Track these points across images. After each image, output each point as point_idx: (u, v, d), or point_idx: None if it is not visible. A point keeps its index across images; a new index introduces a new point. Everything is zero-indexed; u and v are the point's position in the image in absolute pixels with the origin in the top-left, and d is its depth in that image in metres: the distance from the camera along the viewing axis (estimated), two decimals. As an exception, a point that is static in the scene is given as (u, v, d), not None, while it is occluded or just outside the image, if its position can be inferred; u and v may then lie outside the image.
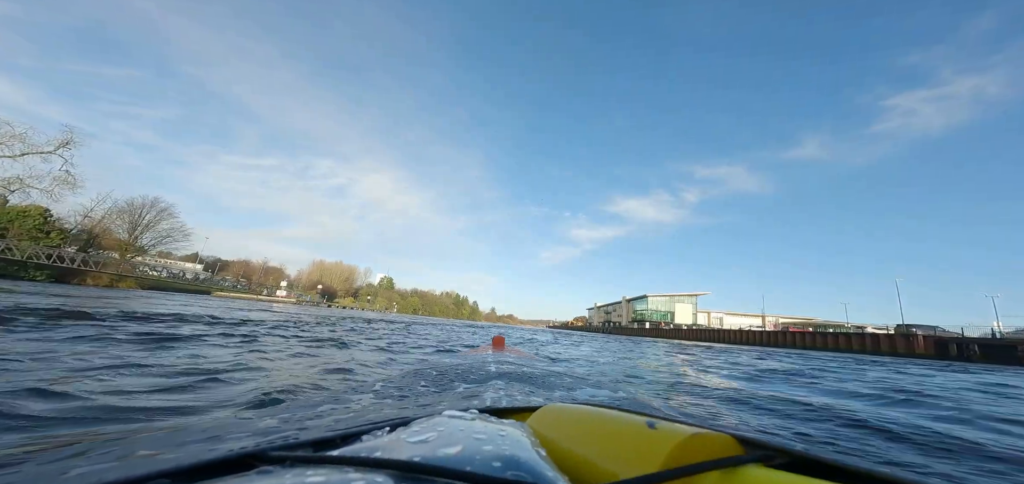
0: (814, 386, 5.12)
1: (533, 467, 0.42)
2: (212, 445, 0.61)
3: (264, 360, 3.69)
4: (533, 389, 1.46)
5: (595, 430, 0.60)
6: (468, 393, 1.29)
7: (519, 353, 3.52)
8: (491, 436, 0.50)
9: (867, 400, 4.00)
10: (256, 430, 0.76)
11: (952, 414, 3.20)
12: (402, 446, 0.46)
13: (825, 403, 3.42)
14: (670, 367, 7.04)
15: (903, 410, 3.51)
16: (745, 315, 73.42)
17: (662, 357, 9.54)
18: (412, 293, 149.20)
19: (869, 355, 23.46)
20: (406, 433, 0.52)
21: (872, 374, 7.47)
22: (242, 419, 0.96)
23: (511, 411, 0.92)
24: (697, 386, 4.49)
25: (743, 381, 5.33)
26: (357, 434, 0.63)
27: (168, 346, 3.99)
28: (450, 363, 2.23)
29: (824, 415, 2.89)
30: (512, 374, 1.68)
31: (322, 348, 5.25)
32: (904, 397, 4.18)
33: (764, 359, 10.26)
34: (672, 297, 72.82)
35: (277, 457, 0.49)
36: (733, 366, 7.72)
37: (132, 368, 2.72)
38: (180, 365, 3.03)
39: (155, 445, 0.65)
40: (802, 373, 6.74)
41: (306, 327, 8.59)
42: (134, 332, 4.57)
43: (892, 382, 5.96)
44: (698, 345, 21.39)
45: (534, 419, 0.72)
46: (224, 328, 6.35)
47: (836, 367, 8.84)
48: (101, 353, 3.19)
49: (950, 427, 2.70)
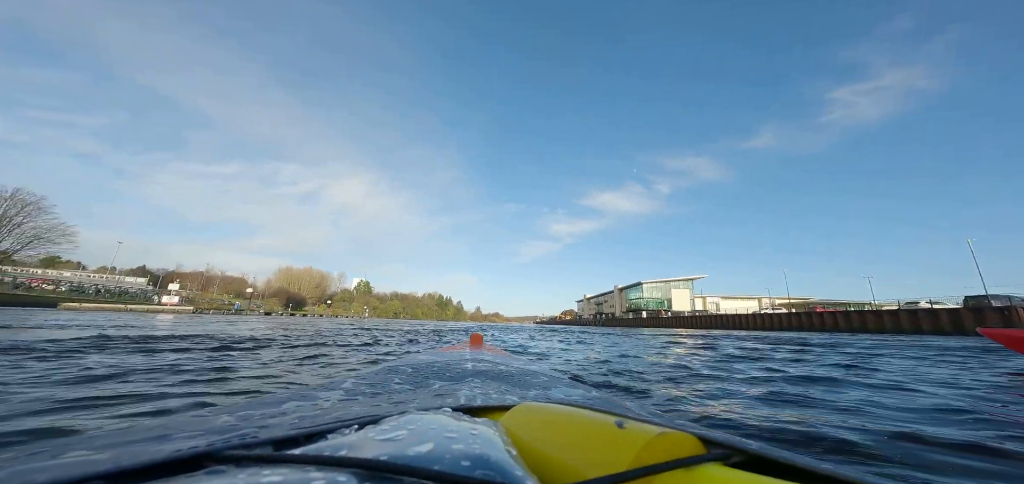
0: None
1: (503, 467, 0.41)
2: (158, 444, 0.55)
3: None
4: (508, 388, 1.30)
5: (566, 430, 0.59)
6: (443, 391, 1.17)
7: (497, 351, 2.97)
8: (462, 435, 0.49)
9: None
10: (211, 428, 0.66)
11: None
12: (369, 444, 0.45)
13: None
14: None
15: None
16: (743, 297, 68.88)
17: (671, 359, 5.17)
18: (392, 296, 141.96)
19: (928, 336, 19.19)
20: (374, 431, 0.51)
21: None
22: (196, 417, 0.81)
23: (484, 410, 0.88)
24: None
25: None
26: (322, 432, 0.60)
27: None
28: (425, 361, 1.96)
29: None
30: (488, 372, 1.58)
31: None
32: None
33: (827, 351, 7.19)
34: (668, 283, 67.81)
35: (231, 456, 0.46)
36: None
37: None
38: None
39: (93, 445, 0.58)
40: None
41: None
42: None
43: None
44: (706, 335, 16.75)
45: (507, 418, 0.69)
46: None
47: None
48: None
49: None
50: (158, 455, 0.47)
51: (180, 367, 3.33)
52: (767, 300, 66.23)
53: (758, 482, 0.45)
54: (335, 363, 4.35)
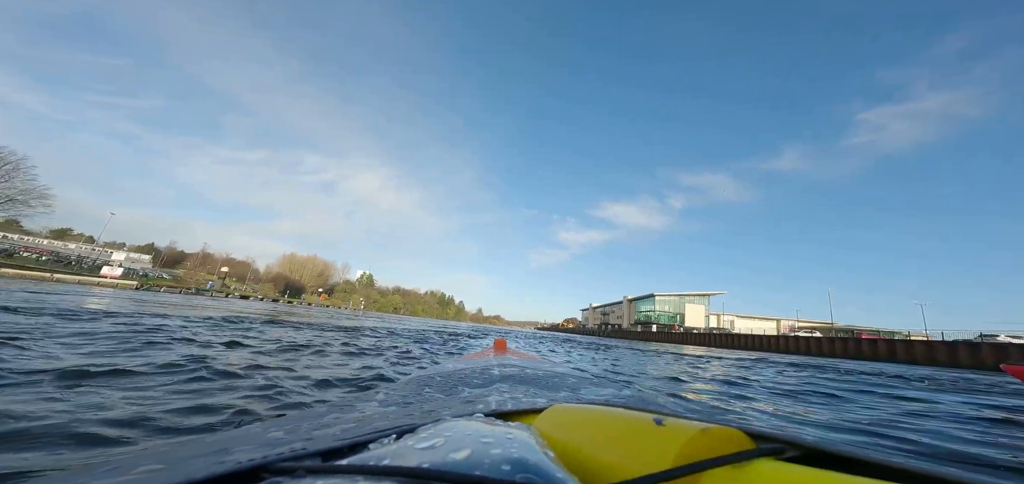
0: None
1: (542, 469, 0.41)
2: (219, 458, 0.57)
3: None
4: (538, 391, 1.32)
5: (603, 429, 0.57)
6: (472, 397, 1.18)
7: (522, 355, 2.86)
8: (498, 439, 0.49)
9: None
10: (263, 441, 0.69)
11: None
12: (410, 453, 0.46)
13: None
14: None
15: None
16: (759, 318, 64.69)
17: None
18: (394, 291, 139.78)
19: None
20: (413, 440, 0.51)
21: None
22: (248, 431, 0.84)
23: (517, 413, 0.86)
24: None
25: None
26: (364, 443, 0.62)
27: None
28: (452, 368, 1.95)
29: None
30: (516, 377, 1.60)
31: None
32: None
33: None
34: (681, 297, 63.88)
35: (285, 468, 0.47)
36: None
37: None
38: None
39: (158, 460, 0.60)
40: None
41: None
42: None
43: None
44: (750, 356, 14.39)
45: (540, 420, 0.69)
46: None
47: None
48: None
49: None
50: (222, 468, 0.49)
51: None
52: (787, 322, 62.08)
53: (816, 477, 0.42)
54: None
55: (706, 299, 64.24)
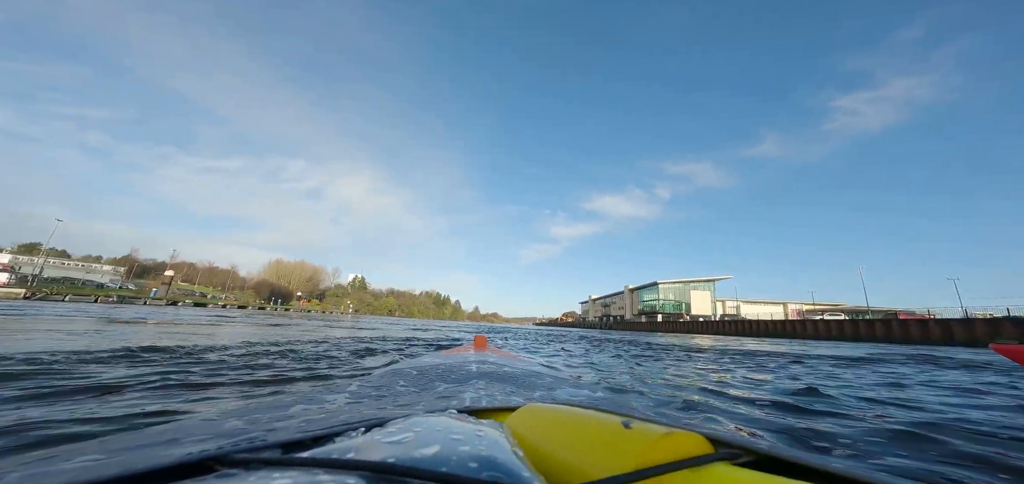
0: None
1: (510, 468, 0.42)
2: (167, 449, 0.55)
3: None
4: (514, 389, 1.35)
5: (572, 430, 0.59)
6: (447, 393, 1.20)
7: (502, 353, 2.99)
8: (468, 436, 0.49)
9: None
10: (220, 432, 0.67)
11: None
12: (376, 447, 0.45)
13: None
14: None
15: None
16: (765, 302, 62.22)
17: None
18: (388, 293, 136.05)
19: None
20: (381, 434, 0.51)
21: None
22: (205, 421, 0.81)
23: (490, 411, 0.89)
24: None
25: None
26: (330, 435, 0.61)
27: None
28: (429, 363, 1.99)
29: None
30: (493, 374, 1.62)
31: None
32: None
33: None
34: (686, 284, 61.27)
35: (241, 460, 0.47)
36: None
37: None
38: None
39: (104, 449, 0.59)
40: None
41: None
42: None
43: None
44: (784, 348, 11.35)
45: (513, 419, 0.70)
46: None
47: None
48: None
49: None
50: (168, 459, 0.48)
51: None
52: (793, 306, 59.73)
53: (768, 482, 0.45)
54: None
55: (711, 285, 61.70)
